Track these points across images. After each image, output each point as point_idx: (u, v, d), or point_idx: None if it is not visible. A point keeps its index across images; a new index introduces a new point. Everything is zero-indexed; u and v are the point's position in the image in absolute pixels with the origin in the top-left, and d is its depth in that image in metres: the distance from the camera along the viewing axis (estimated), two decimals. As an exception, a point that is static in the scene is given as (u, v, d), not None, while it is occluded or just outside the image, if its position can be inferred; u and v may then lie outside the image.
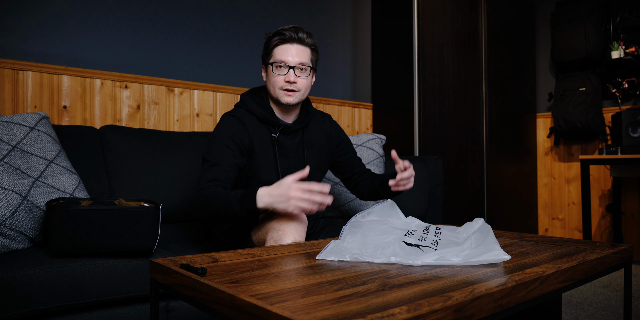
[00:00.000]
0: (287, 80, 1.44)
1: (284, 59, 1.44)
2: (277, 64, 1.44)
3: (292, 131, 1.52)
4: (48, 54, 2.02)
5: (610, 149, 2.85)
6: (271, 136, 1.48)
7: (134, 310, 1.28)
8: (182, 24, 2.39)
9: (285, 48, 1.45)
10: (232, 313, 0.70)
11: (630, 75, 3.19)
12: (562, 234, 3.52)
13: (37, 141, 1.44)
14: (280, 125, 1.49)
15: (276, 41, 1.46)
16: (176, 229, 1.79)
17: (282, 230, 1.25)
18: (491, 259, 0.99)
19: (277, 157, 1.48)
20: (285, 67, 1.45)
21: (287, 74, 1.45)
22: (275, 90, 1.47)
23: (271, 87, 1.48)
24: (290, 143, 1.52)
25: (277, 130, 1.49)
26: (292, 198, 1.14)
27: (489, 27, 3.17)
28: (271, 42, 1.47)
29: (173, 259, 0.96)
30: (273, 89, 1.47)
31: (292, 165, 1.51)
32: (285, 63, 1.44)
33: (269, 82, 1.49)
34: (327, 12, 3.03)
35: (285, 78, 1.44)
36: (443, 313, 0.66)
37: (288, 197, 1.15)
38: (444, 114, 2.87)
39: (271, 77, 1.47)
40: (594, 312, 1.99)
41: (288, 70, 1.45)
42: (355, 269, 0.97)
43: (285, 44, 1.46)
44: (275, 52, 1.46)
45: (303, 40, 1.47)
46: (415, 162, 2.30)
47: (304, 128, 1.56)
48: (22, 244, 1.29)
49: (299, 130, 1.55)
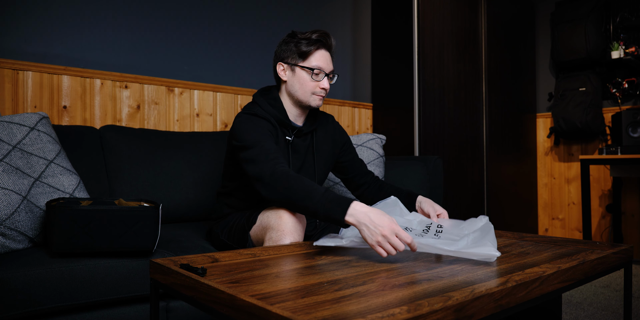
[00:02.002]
0: (322, 87, 1.46)
1: (322, 65, 1.45)
2: (316, 71, 1.44)
3: (303, 134, 1.53)
4: (48, 54, 2.02)
5: (610, 149, 2.85)
6: (285, 138, 1.48)
7: (134, 310, 1.28)
8: (182, 24, 2.39)
9: (323, 54, 1.46)
10: (232, 313, 0.70)
11: (630, 75, 3.19)
12: (562, 234, 3.52)
13: (37, 141, 1.44)
14: (294, 128, 1.50)
15: (314, 46, 1.44)
16: (176, 229, 1.78)
17: (281, 231, 1.25)
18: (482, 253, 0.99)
19: (290, 159, 1.48)
20: (321, 73, 1.45)
21: (322, 80, 1.46)
22: (306, 94, 1.46)
23: (300, 90, 1.46)
24: (301, 145, 1.52)
25: (292, 133, 1.49)
26: (384, 235, 1.05)
27: (489, 27, 3.17)
28: (307, 46, 1.44)
29: (173, 259, 0.96)
30: (303, 93, 1.46)
31: (302, 167, 1.53)
32: (322, 69, 1.45)
33: (300, 85, 1.46)
34: (327, 12, 3.03)
35: (321, 85, 1.46)
36: (443, 313, 0.66)
37: (381, 232, 1.05)
38: (444, 114, 2.87)
39: (305, 81, 1.45)
40: (594, 312, 1.99)
41: (324, 77, 1.46)
42: (355, 269, 0.97)
43: (322, 49, 1.46)
44: (312, 57, 1.44)
45: (332, 48, 1.49)
46: (415, 162, 2.30)
47: (314, 131, 1.57)
48: (22, 244, 1.29)
49: (308, 133, 1.55)
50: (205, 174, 2.00)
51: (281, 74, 1.50)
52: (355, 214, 1.10)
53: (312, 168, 1.55)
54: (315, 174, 1.56)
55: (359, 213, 1.10)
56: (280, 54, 1.49)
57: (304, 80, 1.45)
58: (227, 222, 1.52)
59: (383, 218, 1.07)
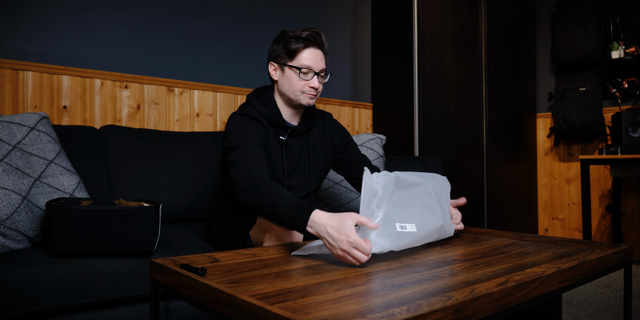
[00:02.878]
0: (312, 86, 1.44)
1: (311, 64, 1.43)
2: (304, 70, 1.43)
3: (297, 134, 1.52)
4: (48, 54, 2.02)
5: (610, 149, 2.85)
6: (279, 138, 1.47)
7: (134, 310, 1.28)
8: (182, 24, 2.39)
9: (312, 53, 1.44)
10: (232, 313, 0.70)
11: (630, 75, 3.19)
12: (562, 234, 3.52)
13: (37, 141, 1.44)
14: (288, 128, 1.49)
15: (302, 45, 1.43)
16: (176, 229, 1.78)
17: (280, 231, 1.25)
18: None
19: (284, 159, 1.48)
20: (310, 73, 1.44)
21: (311, 79, 1.44)
22: (295, 93, 1.45)
23: (290, 89, 1.46)
24: (296, 145, 1.51)
25: (286, 133, 1.49)
26: (343, 250, 1.02)
27: (489, 27, 3.17)
28: (295, 45, 1.43)
29: (173, 259, 0.96)
30: (293, 92, 1.45)
31: (297, 167, 1.52)
32: (310, 68, 1.43)
33: (289, 85, 1.46)
34: (327, 12, 3.03)
35: (310, 84, 1.44)
36: (443, 313, 0.66)
37: (340, 247, 1.02)
38: (444, 114, 2.87)
39: (293, 80, 1.44)
40: (594, 312, 1.99)
41: (313, 76, 1.44)
42: (355, 269, 0.97)
43: (310, 48, 1.44)
44: (300, 56, 1.43)
45: (324, 46, 1.47)
46: (415, 162, 2.30)
47: (309, 130, 1.55)
48: (22, 244, 1.29)
49: (304, 133, 1.54)
50: (205, 174, 2.00)
51: (272, 73, 1.49)
52: (315, 226, 1.07)
53: (307, 168, 1.54)
54: (310, 174, 1.55)
55: (318, 225, 1.07)
56: (271, 53, 1.49)
57: (292, 79, 1.44)
58: (226, 222, 1.52)
59: (340, 230, 1.01)
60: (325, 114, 1.66)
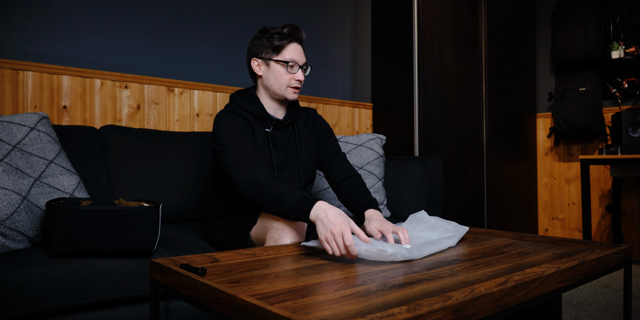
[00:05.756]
0: (297, 79, 1.50)
1: (296, 58, 1.49)
2: (290, 63, 1.48)
3: (283, 126, 1.55)
4: (48, 54, 2.02)
5: (610, 149, 2.85)
6: (265, 131, 1.51)
7: (134, 310, 1.28)
8: (182, 24, 2.39)
9: (295, 47, 1.50)
10: (232, 313, 0.70)
11: (630, 75, 3.19)
12: (562, 234, 3.52)
13: (37, 141, 1.44)
14: (273, 120, 1.53)
15: (286, 40, 1.48)
16: (176, 229, 1.79)
17: (281, 230, 1.25)
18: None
19: (271, 152, 1.51)
20: (296, 66, 1.49)
21: (297, 72, 1.50)
22: (282, 88, 1.50)
23: (277, 83, 1.50)
24: (282, 138, 1.54)
25: (271, 125, 1.52)
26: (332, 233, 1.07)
27: (489, 27, 3.17)
28: (280, 40, 1.48)
29: (173, 259, 0.96)
30: (279, 86, 1.50)
31: (285, 159, 1.54)
32: (296, 62, 1.49)
33: (275, 79, 1.50)
34: (327, 12, 3.03)
35: (296, 77, 1.50)
36: (443, 313, 0.66)
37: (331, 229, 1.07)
38: (444, 114, 2.87)
39: (280, 74, 1.49)
40: (594, 312, 1.99)
41: (298, 69, 1.50)
42: (355, 269, 0.97)
43: (294, 43, 1.50)
44: (285, 51, 1.48)
45: (303, 41, 1.54)
46: (415, 162, 2.30)
47: (294, 123, 1.59)
48: (22, 244, 1.29)
49: (289, 126, 1.58)
50: (205, 174, 2.00)
51: (256, 69, 1.53)
52: (316, 210, 1.14)
53: (296, 161, 1.57)
54: (299, 167, 1.57)
55: (319, 210, 1.14)
56: (254, 49, 1.52)
57: (279, 73, 1.49)
58: (225, 223, 1.52)
59: (338, 217, 1.09)
60: (310, 110, 1.69)
